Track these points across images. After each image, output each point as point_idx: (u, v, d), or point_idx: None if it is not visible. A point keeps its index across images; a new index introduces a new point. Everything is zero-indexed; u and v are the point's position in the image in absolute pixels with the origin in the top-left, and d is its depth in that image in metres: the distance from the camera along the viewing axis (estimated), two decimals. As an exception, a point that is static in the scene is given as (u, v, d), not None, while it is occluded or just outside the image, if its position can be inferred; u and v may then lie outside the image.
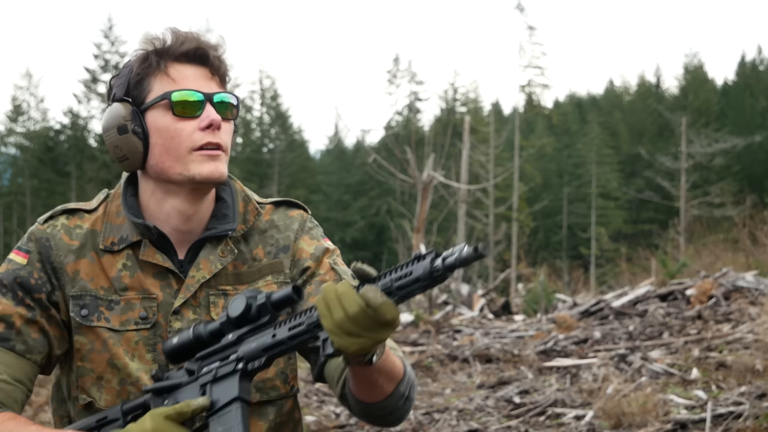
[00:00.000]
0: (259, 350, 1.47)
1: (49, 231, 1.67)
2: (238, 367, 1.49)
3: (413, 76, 46.12)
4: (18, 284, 1.62)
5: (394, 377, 1.56)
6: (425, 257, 1.33)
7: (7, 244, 37.74)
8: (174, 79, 1.62)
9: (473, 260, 1.29)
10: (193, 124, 1.61)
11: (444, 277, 1.32)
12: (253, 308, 1.49)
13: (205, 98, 1.62)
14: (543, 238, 42.27)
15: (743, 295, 9.85)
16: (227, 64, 1.68)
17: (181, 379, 1.55)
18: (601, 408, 6.33)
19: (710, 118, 43.57)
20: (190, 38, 1.63)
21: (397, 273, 1.35)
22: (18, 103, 40.60)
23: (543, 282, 13.77)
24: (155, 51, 1.62)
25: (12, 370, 1.60)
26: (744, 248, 16.16)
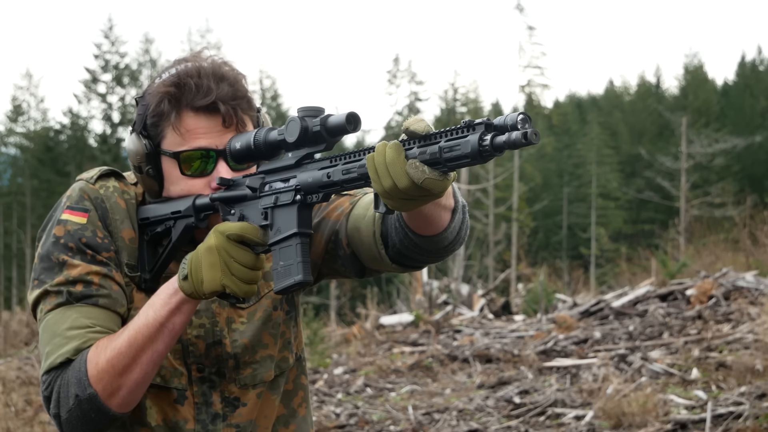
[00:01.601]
0: (315, 186, 1.47)
1: (102, 192, 1.64)
2: (296, 198, 1.49)
3: (413, 76, 46.11)
4: (84, 245, 1.59)
5: (449, 206, 1.49)
6: (475, 129, 1.28)
7: (7, 244, 37.75)
8: (184, 134, 1.58)
9: (523, 146, 1.25)
10: (203, 181, 1.61)
11: (493, 156, 1.27)
12: (309, 132, 1.47)
13: (218, 155, 1.59)
14: (543, 238, 42.25)
15: (743, 295, 9.84)
16: (250, 103, 1.63)
17: (244, 191, 1.56)
18: (601, 408, 6.33)
19: (710, 118, 43.55)
20: (205, 88, 1.57)
21: (446, 141, 1.29)
22: (18, 103, 40.60)
23: (543, 282, 13.77)
24: (168, 98, 1.58)
25: (102, 321, 1.56)
26: (744, 248, 16.15)
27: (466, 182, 23.48)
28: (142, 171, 1.62)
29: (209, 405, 1.66)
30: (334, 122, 1.45)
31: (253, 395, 1.69)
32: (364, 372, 8.99)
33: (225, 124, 1.59)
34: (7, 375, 8.62)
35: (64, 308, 1.55)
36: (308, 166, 1.49)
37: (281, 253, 1.49)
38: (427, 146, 1.31)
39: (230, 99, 1.59)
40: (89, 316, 1.55)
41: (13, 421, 6.85)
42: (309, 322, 10.24)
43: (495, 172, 33.01)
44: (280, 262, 1.49)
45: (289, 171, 1.52)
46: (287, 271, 1.48)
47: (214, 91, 1.57)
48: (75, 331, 1.54)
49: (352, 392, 8.12)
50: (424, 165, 1.29)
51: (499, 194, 35.33)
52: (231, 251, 1.47)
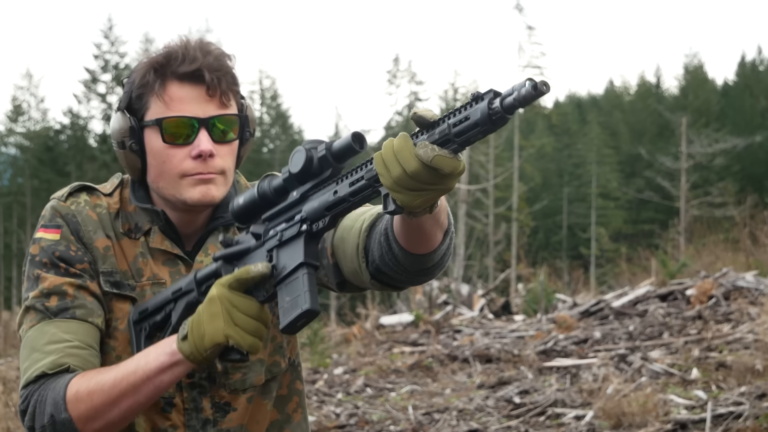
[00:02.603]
0: (321, 209, 1.39)
1: (74, 207, 1.65)
2: (302, 229, 1.41)
3: (413, 76, 46.11)
4: (58, 258, 1.60)
5: (442, 224, 1.44)
6: (483, 98, 1.21)
7: (7, 244, 37.75)
8: (168, 102, 1.58)
9: (534, 98, 1.17)
10: (184, 150, 1.59)
11: (504, 120, 1.20)
12: (315, 161, 1.41)
13: (199, 124, 1.59)
14: (543, 238, 42.24)
15: (743, 295, 9.84)
16: (234, 80, 1.63)
17: (249, 243, 1.50)
18: (601, 408, 6.34)
19: (710, 118, 43.54)
20: (191, 57, 1.58)
21: (454, 117, 1.23)
22: (18, 103, 40.60)
23: (543, 282, 13.77)
24: (154, 68, 1.60)
25: (80, 336, 1.57)
26: (744, 248, 16.15)
27: (466, 182, 23.47)
28: (125, 146, 1.62)
29: (199, 411, 1.66)
30: (340, 144, 1.39)
31: (243, 400, 1.68)
32: (364, 372, 9.00)
33: (209, 93, 1.58)
34: (8, 375, 8.63)
35: (43, 324, 1.57)
36: (314, 195, 1.42)
37: (287, 288, 1.41)
38: (435, 128, 1.26)
39: (215, 69, 1.59)
40: (67, 331, 1.56)
41: (13, 421, 6.85)
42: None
43: (495, 172, 33.01)
44: (286, 298, 1.40)
45: (294, 208, 1.45)
46: (294, 303, 1.39)
47: (199, 59, 1.58)
48: (53, 345, 1.55)
49: (352, 392, 8.12)
50: (434, 144, 1.24)
51: (499, 194, 35.33)
52: (233, 300, 1.42)
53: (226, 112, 1.61)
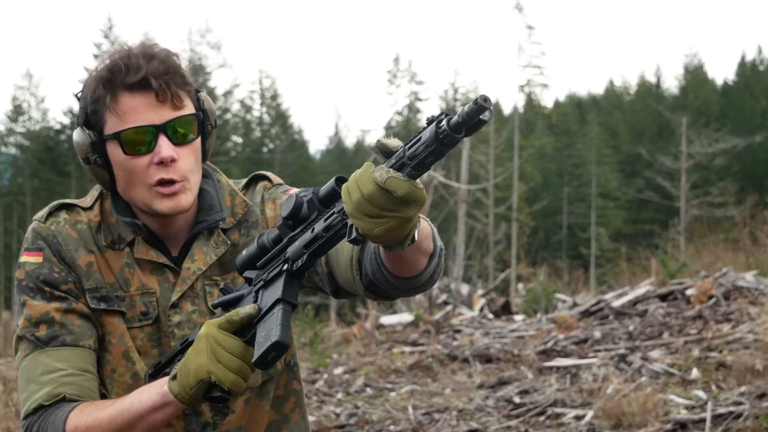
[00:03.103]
0: (300, 248, 1.44)
1: (54, 228, 1.67)
2: (283, 269, 1.46)
3: (413, 76, 46.11)
4: (42, 282, 1.63)
5: (426, 250, 1.47)
6: (434, 120, 1.26)
7: (7, 244, 37.76)
8: (121, 115, 1.59)
9: (477, 113, 1.20)
10: (146, 159, 1.60)
11: (452, 139, 1.23)
12: (304, 206, 1.45)
13: (157, 130, 1.59)
14: (543, 238, 42.24)
15: (743, 295, 9.84)
16: (183, 78, 1.62)
17: (244, 289, 1.54)
18: (601, 408, 6.34)
19: (710, 118, 43.56)
20: (135, 66, 1.58)
21: (410, 141, 1.28)
22: (18, 103, 40.61)
23: (543, 282, 13.77)
24: (102, 83, 1.60)
25: (73, 362, 1.60)
26: (744, 248, 16.15)
27: (466, 182, 23.47)
28: (89, 161, 1.64)
29: (199, 414, 1.67)
30: (325, 189, 1.44)
31: (241, 401, 1.70)
32: (364, 372, 9.00)
33: (159, 99, 1.58)
34: (8, 375, 8.62)
35: (36, 354, 1.61)
36: (297, 237, 1.47)
37: (263, 325, 1.44)
38: (392, 154, 1.30)
39: (161, 74, 1.59)
40: (60, 359, 1.59)
41: (13, 421, 6.85)
42: (309, 322, 10.23)
43: (495, 172, 33.00)
44: (261, 333, 1.43)
45: (282, 252, 1.50)
46: (266, 338, 1.41)
47: (143, 67, 1.58)
48: (47, 376, 1.58)
49: (352, 392, 8.12)
50: (389, 168, 1.27)
51: (499, 194, 35.33)
52: (218, 339, 1.44)
53: (181, 113, 1.61)
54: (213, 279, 1.70)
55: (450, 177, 25.77)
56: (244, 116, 45.79)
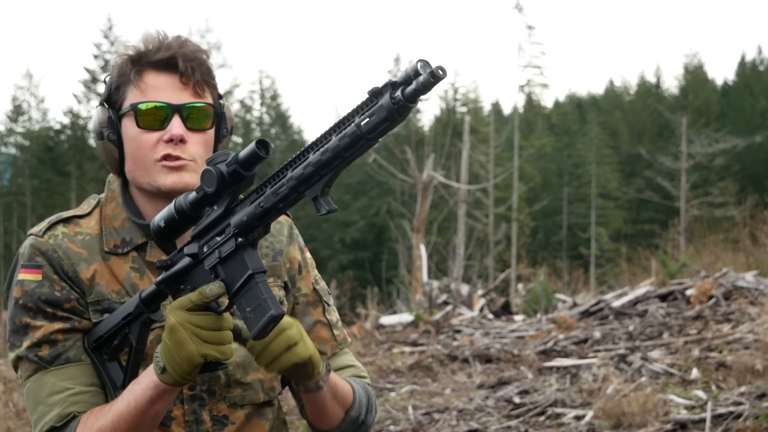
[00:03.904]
0: (252, 221, 1.44)
1: (52, 242, 1.65)
2: (239, 242, 1.45)
3: (413, 76, 46.06)
4: (44, 302, 1.61)
5: (343, 402, 1.65)
6: (382, 92, 1.28)
7: (7, 244, 37.76)
8: (143, 89, 1.62)
9: (433, 85, 1.22)
10: (157, 135, 1.62)
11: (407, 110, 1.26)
12: (226, 176, 1.45)
13: (172, 109, 1.61)
14: (543, 238, 42.25)
15: (743, 295, 9.84)
16: (209, 72, 1.66)
17: (186, 263, 1.52)
18: (601, 408, 6.34)
19: (710, 118, 43.55)
20: (166, 45, 1.62)
21: (360, 116, 1.31)
22: (18, 103, 40.62)
23: (543, 282, 13.77)
24: (131, 59, 1.63)
25: (79, 378, 1.60)
26: (744, 248, 16.15)
27: (466, 182, 23.46)
28: (103, 137, 1.65)
29: (200, 423, 1.68)
30: (245, 154, 1.44)
31: (242, 415, 1.71)
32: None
33: (182, 81, 1.61)
34: (8, 375, 8.62)
35: (40, 374, 1.60)
36: (238, 207, 1.46)
37: (245, 299, 1.44)
38: (343, 129, 1.31)
39: (190, 59, 1.62)
40: (65, 378, 1.59)
41: (13, 421, 6.85)
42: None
43: (495, 172, 33.01)
44: (247, 309, 1.44)
45: (221, 222, 1.48)
46: (259, 311, 1.42)
47: (174, 48, 1.62)
48: (55, 397, 1.59)
49: (352, 392, 8.12)
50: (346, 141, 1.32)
51: (499, 194, 35.33)
52: (194, 321, 1.45)
53: (200, 100, 1.64)
54: None
55: (450, 177, 25.77)
56: (244, 116, 45.80)
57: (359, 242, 42.59)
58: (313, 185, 1.37)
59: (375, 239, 43.17)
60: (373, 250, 41.95)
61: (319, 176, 1.36)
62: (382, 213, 39.70)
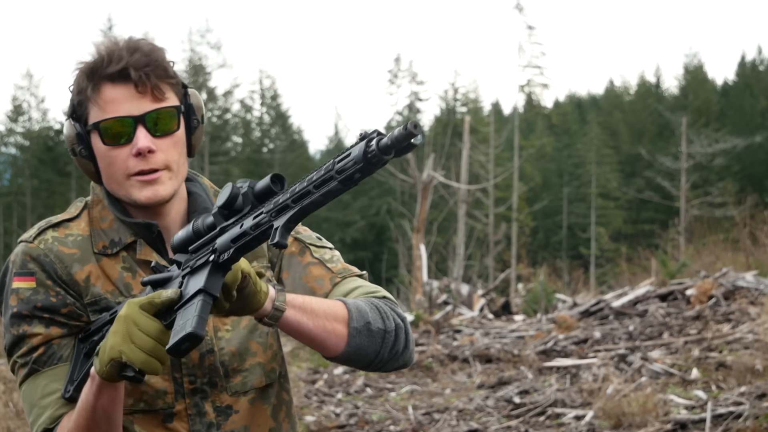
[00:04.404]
0: (228, 241, 1.44)
1: (43, 246, 1.65)
2: (210, 259, 1.46)
3: (414, 76, 46.12)
4: (40, 309, 1.61)
5: (330, 316, 1.57)
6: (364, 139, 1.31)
7: (7, 244, 37.77)
8: (102, 105, 1.60)
9: (406, 139, 1.25)
10: (126, 150, 1.60)
11: (380, 159, 1.29)
12: (239, 198, 1.46)
13: (135, 121, 1.59)
14: (543, 238, 42.25)
15: (743, 295, 9.84)
16: (166, 71, 1.62)
17: (173, 271, 1.54)
18: (601, 408, 6.34)
19: (710, 118, 43.55)
20: (117, 56, 1.59)
21: (340, 155, 1.34)
22: (18, 103, 40.62)
23: (543, 282, 13.77)
24: (86, 74, 1.61)
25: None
26: (744, 248, 16.15)
27: (466, 182, 23.47)
28: (75, 153, 1.65)
29: (203, 415, 1.68)
30: (260, 185, 1.46)
31: (245, 402, 1.71)
32: (363, 372, 9.00)
33: (138, 90, 1.59)
34: (8, 375, 8.62)
35: (34, 377, 1.61)
36: (228, 228, 1.48)
37: (183, 313, 1.43)
38: (322, 167, 1.35)
39: (143, 66, 1.59)
40: (56, 378, 1.60)
41: (13, 421, 6.85)
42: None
43: (495, 172, 33.02)
44: (179, 322, 1.42)
45: (213, 241, 1.49)
46: (182, 327, 1.40)
47: (125, 58, 1.59)
48: (47, 399, 1.60)
49: (352, 392, 8.13)
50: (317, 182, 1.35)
51: (499, 194, 35.33)
52: (135, 319, 1.43)
53: (161, 105, 1.61)
54: None
55: (450, 177, 25.77)
56: (244, 116, 45.80)
57: (359, 242, 42.62)
58: (282, 215, 1.38)
59: (375, 239, 43.19)
60: (373, 250, 41.97)
61: (290, 208, 1.38)
62: (382, 213, 39.72)
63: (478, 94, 57.70)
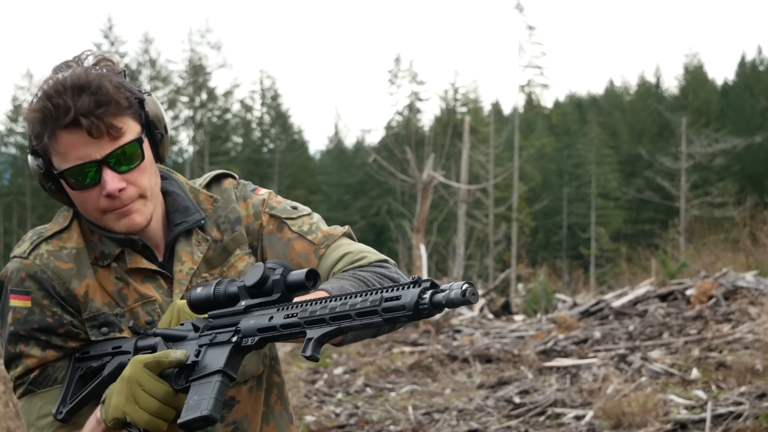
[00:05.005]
0: (254, 329, 1.46)
1: (39, 262, 1.64)
2: (232, 339, 1.47)
3: (414, 76, 46.11)
4: (36, 330, 1.62)
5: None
6: (419, 285, 1.31)
7: (7, 244, 37.77)
8: (62, 153, 1.58)
9: (461, 304, 1.27)
10: (95, 191, 1.60)
11: (429, 313, 1.30)
12: (269, 281, 1.47)
13: (99, 164, 1.58)
14: (543, 238, 42.26)
15: (743, 295, 9.84)
16: (117, 107, 1.58)
17: (188, 332, 1.55)
18: (601, 408, 6.34)
19: (710, 118, 43.56)
20: (64, 107, 1.54)
21: (388, 292, 1.34)
22: (18, 103, 40.63)
23: (543, 282, 13.77)
24: (39, 122, 1.58)
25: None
26: (744, 248, 16.15)
27: (466, 182, 23.46)
28: (45, 188, 1.65)
29: None
30: (294, 276, 1.46)
31: (245, 391, 1.73)
32: (364, 372, 9.00)
33: (94, 136, 1.56)
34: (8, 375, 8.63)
35: (30, 396, 1.64)
36: (256, 312, 1.49)
37: (198, 388, 1.46)
38: (369, 296, 1.34)
39: (92, 110, 1.55)
40: (51, 401, 1.63)
41: (13, 421, 6.85)
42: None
43: (495, 172, 33.01)
44: (194, 396, 1.45)
45: (235, 316, 1.51)
46: (197, 404, 1.43)
47: (72, 107, 1.54)
48: (43, 420, 1.63)
49: (352, 392, 8.13)
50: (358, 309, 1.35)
51: (499, 194, 35.33)
52: (141, 380, 1.46)
53: (120, 144, 1.59)
54: (202, 276, 1.72)
55: (450, 177, 25.76)
56: (244, 116, 45.79)
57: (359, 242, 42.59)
58: (317, 327, 1.39)
59: (375, 239, 43.17)
60: (373, 250, 41.91)
61: (327, 324, 1.38)
62: (383, 213, 39.73)
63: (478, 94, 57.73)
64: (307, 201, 42.92)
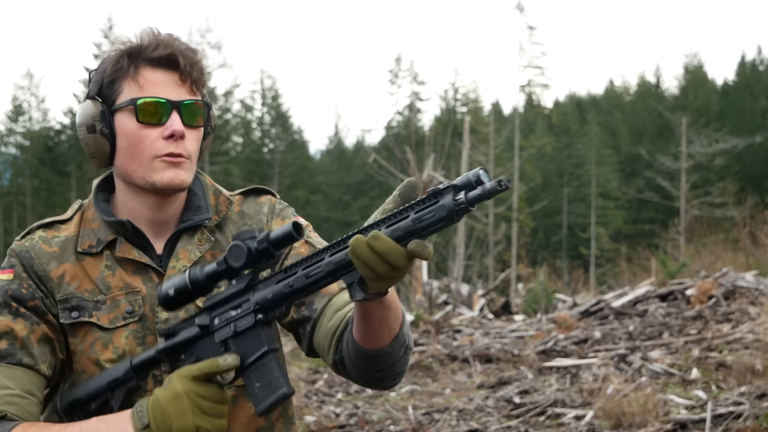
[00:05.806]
0: (277, 300, 1.44)
1: (27, 244, 1.70)
2: (258, 318, 1.46)
3: (415, 77, 46.11)
4: (10, 297, 1.64)
5: (399, 315, 1.56)
6: (443, 193, 1.30)
7: (7, 244, 37.77)
8: (142, 84, 1.62)
9: (498, 193, 1.26)
10: (157, 131, 1.62)
11: (467, 212, 1.29)
12: (254, 253, 1.45)
13: (172, 106, 1.62)
14: (543, 238, 42.25)
15: (743, 295, 9.84)
16: (202, 71, 1.68)
17: (192, 333, 1.52)
18: (601, 408, 6.34)
19: (710, 118, 43.58)
20: (165, 42, 1.63)
21: (416, 213, 1.31)
22: (18, 103, 40.63)
23: (543, 282, 13.77)
24: (128, 53, 1.63)
25: (22, 384, 1.61)
26: (744, 248, 16.15)
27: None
28: (95, 130, 1.65)
29: None
30: (279, 234, 1.44)
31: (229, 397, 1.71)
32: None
33: (181, 78, 1.63)
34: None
35: None
36: (261, 285, 1.47)
37: (255, 375, 1.46)
38: (396, 222, 1.33)
39: (190, 56, 1.64)
40: (10, 377, 1.61)
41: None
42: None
43: (495, 172, 33.00)
44: (256, 384, 1.45)
45: (240, 297, 1.49)
46: (269, 387, 1.44)
47: (173, 45, 1.63)
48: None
49: (352, 392, 8.13)
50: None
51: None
52: (199, 392, 1.45)
53: (196, 98, 1.66)
54: None
55: (450, 177, 25.76)
56: (245, 116, 45.78)
57: (359, 242, 42.56)
58: (351, 272, 1.38)
59: (375, 239, 43.11)
60: (373, 250, 41.91)
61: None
62: (382, 213, 39.66)
63: (478, 94, 57.71)
64: (308, 201, 42.95)
